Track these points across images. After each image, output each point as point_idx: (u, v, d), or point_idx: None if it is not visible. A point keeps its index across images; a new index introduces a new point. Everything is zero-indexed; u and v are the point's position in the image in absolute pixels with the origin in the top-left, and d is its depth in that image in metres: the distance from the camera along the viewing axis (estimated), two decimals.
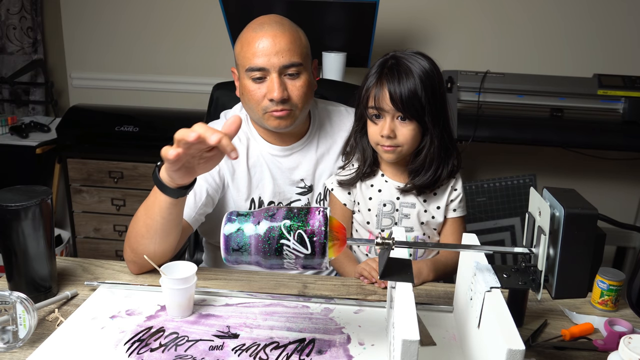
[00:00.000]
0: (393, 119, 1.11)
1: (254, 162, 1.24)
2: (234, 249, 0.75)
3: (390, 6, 2.32)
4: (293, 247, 0.73)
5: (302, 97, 1.16)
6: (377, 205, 1.20)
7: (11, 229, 0.91)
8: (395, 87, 1.07)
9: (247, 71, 1.13)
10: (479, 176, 2.57)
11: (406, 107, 1.08)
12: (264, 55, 1.11)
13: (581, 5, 2.34)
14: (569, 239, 0.70)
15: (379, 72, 1.11)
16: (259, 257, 0.75)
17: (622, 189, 2.51)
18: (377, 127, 1.12)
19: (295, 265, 0.75)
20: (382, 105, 1.10)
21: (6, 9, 2.47)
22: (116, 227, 2.36)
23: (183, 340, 0.88)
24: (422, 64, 1.10)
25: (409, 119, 1.10)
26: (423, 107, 1.09)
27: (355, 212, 1.24)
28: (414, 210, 1.20)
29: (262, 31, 1.13)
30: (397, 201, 1.20)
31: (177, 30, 2.58)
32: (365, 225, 1.23)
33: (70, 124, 2.29)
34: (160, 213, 0.97)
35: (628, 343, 0.66)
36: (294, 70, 1.14)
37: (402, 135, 1.11)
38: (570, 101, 2.16)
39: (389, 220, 1.21)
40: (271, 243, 0.73)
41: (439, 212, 1.21)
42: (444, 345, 0.88)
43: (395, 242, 0.76)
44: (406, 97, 1.07)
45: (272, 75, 1.12)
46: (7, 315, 0.84)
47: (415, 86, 1.07)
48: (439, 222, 1.21)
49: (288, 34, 1.14)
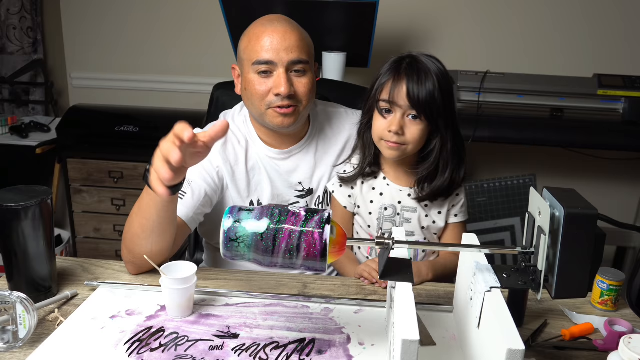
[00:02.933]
0: (404, 116, 1.10)
1: (252, 165, 1.24)
2: (233, 245, 0.74)
3: (390, 6, 2.32)
4: (293, 248, 0.73)
5: (307, 94, 1.16)
6: (378, 208, 1.20)
7: (11, 229, 0.91)
8: (414, 85, 1.07)
9: (254, 64, 1.13)
10: (479, 176, 2.56)
11: (423, 106, 1.07)
12: (273, 49, 1.12)
13: (581, 5, 2.34)
14: (569, 239, 0.70)
15: (396, 68, 1.10)
16: (258, 255, 0.74)
17: (622, 189, 2.51)
18: (386, 122, 1.11)
19: (294, 266, 0.75)
20: (397, 100, 1.08)
21: (6, 9, 2.47)
22: (116, 227, 2.36)
23: (183, 340, 0.88)
24: (439, 67, 1.10)
25: (420, 119, 1.09)
26: (439, 108, 1.08)
27: (356, 215, 1.24)
28: (415, 215, 1.19)
29: (272, 26, 1.14)
30: (399, 205, 1.19)
31: (177, 30, 2.58)
32: (367, 228, 1.22)
33: (70, 124, 2.29)
34: (153, 211, 0.97)
35: (628, 343, 0.66)
36: (301, 67, 1.14)
37: (410, 134, 1.10)
38: (570, 101, 2.16)
39: (390, 224, 1.20)
40: (270, 242, 0.73)
41: (440, 217, 1.20)
42: (444, 345, 0.88)
43: (395, 241, 0.76)
44: (424, 96, 1.07)
45: (280, 70, 1.12)
46: (7, 315, 0.84)
47: (433, 87, 1.07)
48: (439, 227, 1.21)
49: (297, 32, 1.15)
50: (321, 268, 0.74)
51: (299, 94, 1.15)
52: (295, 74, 1.15)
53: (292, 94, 1.14)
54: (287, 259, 0.74)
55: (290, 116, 1.15)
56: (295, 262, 0.74)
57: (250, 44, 1.15)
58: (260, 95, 1.14)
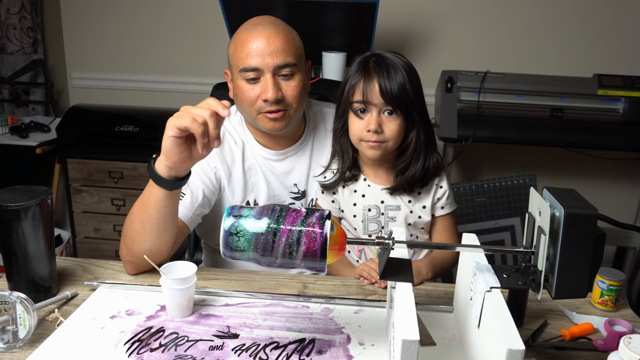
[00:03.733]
0: (380, 114, 1.10)
1: (249, 166, 1.24)
2: (233, 239, 0.74)
3: (390, 6, 2.32)
4: (293, 242, 0.73)
5: (296, 97, 1.15)
6: (362, 210, 1.19)
7: (11, 229, 0.91)
8: (385, 80, 1.08)
9: (241, 72, 1.13)
10: (479, 176, 2.57)
11: (397, 101, 1.08)
12: (258, 55, 1.11)
13: (581, 5, 2.34)
14: (569, 239, 0.70)
15: (364, 68, 1.11)
16: (257, 254, 0.74)
17: (622, 189, 2.51)
18: (363, 122, 1.11)
19: (294, 265, 0.75)
20: (371, 99, 1.09)
21: (6, 9, 2.47)
22: (116, 227, 2.36)
23: (183, 340, 0.88)
24: (404, 60, 1.12)
25: (396, 114, 1.10)
26: (412, 101, 1.10)
27: (342, 220, 1.24)
28: (400, 212, 1.19)
29: (256, 31, 1.13)
30: (382, 205, 1.19)
31: (177, 30, 2.58)
32: (353, 231, 1.22)
33: (70, 124, 2.29)
34: (155, 207, 0.97)
35: (628, 343, 0.66)
36: (288, 70, 1.13)
37: (389, 130, 1.11)
38: (570, 101, 2.16)
39: (376, 224, 1.20)
40: (271, 237, 0.73)
41: (425, 211, 1.20)
42: (444, 345, 0.88)
43: (395, 241, 0.76)
44: (397, 91, 1.08)
45: (266, 76, 1.12)
46: (7, 315, 0.84)
47: (404, 80, 1.08)
48: (426, 221, 1.20)
49: (282, 34, 1.13)
50: (321, 267, 0.74)
51: (288, 97, 1.14)
52: (283, 77, 1.14)
53: (280, 99, 1.13)
54: (287, 255, 0.73)
55: (280, 120, 1.15)
56: (295, 258, 0.73)
57: (236, 50, 1.15)
58: (249, 102, 1.14)
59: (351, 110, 1.13)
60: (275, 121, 1.15)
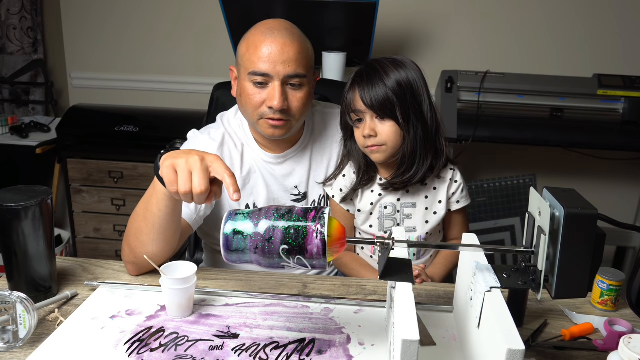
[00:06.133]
0: (372, 119, 1.13)
1: (248, 168, 1.24)
2: (234, 247, 0.75)
3: (390, 6, 2.32)
4: (292, 248, 0.73)
5: (301, 108, 1.15)
6: (378, 208, 1.21)
7: (11, 229, 0.91)
8: (364, 89, 1.11)
9: (250, 74, 1.12)
10: (479, 176, 2.57)
11: (378, 107, 1.10)
12: (270, 61, 1.09)
13: (582, 5, 2.34)
14: (569, 239, 0.70)
15: (353, 80, 1.15)
16: (259, 256, 0.75)
17: (622, 189, 2.51)
18: (360, 130, 1.14)
19: (295, 265, 0.75)
20: (358, 107, 1.13)
21: (6, 9, 2.47)
22: (116, 227, 2.36)
23: (183, 340, 0.88)
24: (398, 62, 1.13)
25: (386, 117, 1.12)
26: (402, 102, 1.10)
27: (357, 217, 1.24)
28: (416, 210, 1.20)
29: (272, 37, 1.11)
30: (398, 202, 1.20)
31: (177, 30, 2.58)
32: (368, 229, 1.23)
33: (70, 124, 2.29)
34: (158, 205, 0.97)
35: (628, 343, 0.66)
36: (297, 81, 1.12)
37: (383, 133, 1.12)
38: (570, 101, 2.16)
39: (391, 222, 1.21)
40: (270, 243, 0.73)
41: (441, 206, 1.21)
42: (444, 345, 0.88)
43: (395, 241, 0.76)
44: (378, 97, 1.10)
45: (275, 83, 1.11)
46: (7, 315, 0.84)
47: (385, 86, 1.10)
48: (441, 216, 1.22)
49: (297, 44, 1.12)
50: (322, 264, 0.74)
51: (293, 108, 1.14)
52: (291, 87, 1.13)
53: (285, 109, 1.12)
54: (287, 254, 0.73)
55: (281, 128, 1.15)
56: (296, 257, 0.73)
57: (248, 51, 1.13)
58: (253, 105, 1.13)
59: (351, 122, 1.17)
60: (276, 128, 1.14)
